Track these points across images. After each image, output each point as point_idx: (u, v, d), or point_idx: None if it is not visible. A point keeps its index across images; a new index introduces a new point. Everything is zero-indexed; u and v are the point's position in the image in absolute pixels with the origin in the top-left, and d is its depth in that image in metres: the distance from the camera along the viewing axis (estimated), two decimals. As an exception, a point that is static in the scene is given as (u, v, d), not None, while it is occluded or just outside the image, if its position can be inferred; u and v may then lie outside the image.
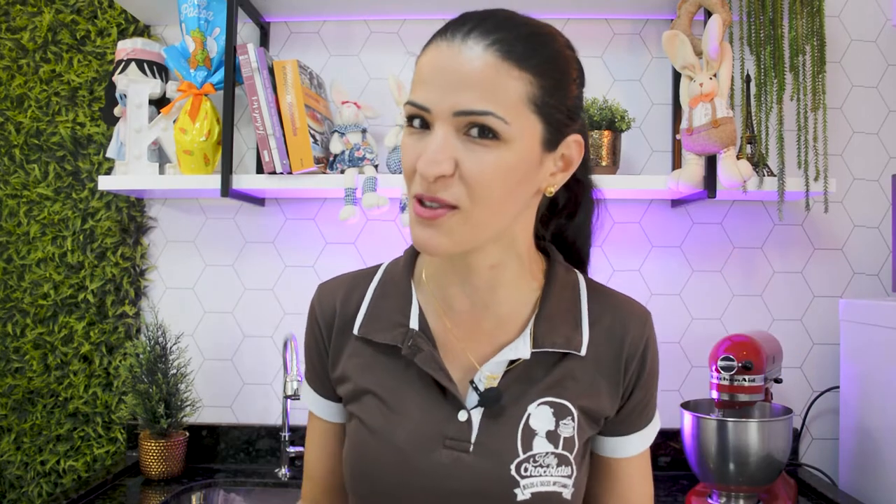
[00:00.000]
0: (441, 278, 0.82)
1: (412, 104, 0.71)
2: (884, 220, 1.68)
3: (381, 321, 0.81)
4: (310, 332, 0.88)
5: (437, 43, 0.72)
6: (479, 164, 0.69)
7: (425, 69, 0.71)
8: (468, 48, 0.69)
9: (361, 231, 1.71)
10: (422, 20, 1.70)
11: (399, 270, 0.85)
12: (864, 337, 1.47)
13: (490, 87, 0.68)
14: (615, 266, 1.68)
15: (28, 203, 1.73)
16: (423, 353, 0.77)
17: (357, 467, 0.79)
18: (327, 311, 0.85)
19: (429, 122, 0.71)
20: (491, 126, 0.68)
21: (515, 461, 0.75)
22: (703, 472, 1.38)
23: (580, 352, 0.79)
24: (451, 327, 0.81)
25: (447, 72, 0.69)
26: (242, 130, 1.73)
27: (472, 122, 0.68)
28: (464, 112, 0.68)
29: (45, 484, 1.71)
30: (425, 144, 0.70)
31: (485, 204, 0.70)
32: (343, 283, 0.87)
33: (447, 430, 0.76)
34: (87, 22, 1.74)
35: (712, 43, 1.37)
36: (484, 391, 0.76)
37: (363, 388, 0.80)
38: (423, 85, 0.71)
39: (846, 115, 1.69)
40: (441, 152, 0.68)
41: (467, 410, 0.76)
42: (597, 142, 1.51)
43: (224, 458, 1.69)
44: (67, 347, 1.71)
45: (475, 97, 0.68)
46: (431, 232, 0.71)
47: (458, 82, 0.68)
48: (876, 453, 1.42)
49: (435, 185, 0.69)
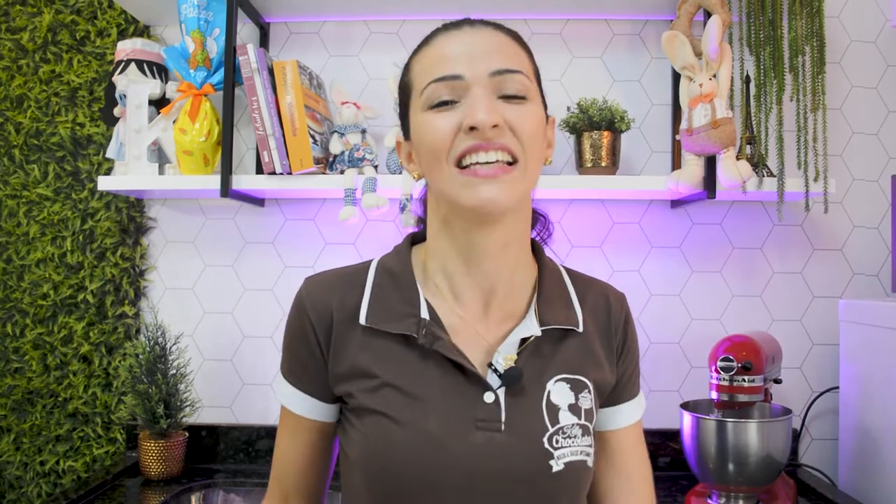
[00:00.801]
0: (448, 268, 0.83)
1: (441, 78, 0.75)
2: (883, 221, 1.68)
3: (389, 312, 0.81)
4: (296, 326, 0.85)
5: (443, 34, 0.79)
6: (522, 117, 0.75)
7: (444, 50, 0.77)
8: (480, 30, 0.78)
9: (361, 231, 1.71)
10: (421, 20, 1.70)
11: (397, 264, 0.85)
12: (864, 337, 1.47)
13: (512, 53, 0.77)
14: (615, 266, 1.68)
15: (28, 203, 1.73)
16: (442, 340, 0.79)
17: (383, 461, 0.76)
18: (320, 306, 0.83)
19: (459, 95, 0.75)
20: (521, 84, 0.76)
21: (547, 434, 0.77)
22: (702, 473, 1.38)
23: (578, 328, 0.84)
24: (462, 316, 0.82)
25: (472, 45, 0.76)
26: (242, 131, 1.73)
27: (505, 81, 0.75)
28: (500, 70, 0.75)
29: (45, 484, 1.71)
30: (462, 110, 0.74)
31: (532, 155, 0.77)
32: (336, 277, 0.86)
33: (477, 412, 0.77)
34: (87, 22, 1.74)
35: (712, 43, 1.38)
36: (505, 371, 0.78)
37: (381, 382, 0.79)
38: (447, 61, 0.76)
39: (846, 116, 1.69)
40: (490, 104, 0.73)
41: (493, 391, 0.78)
42: (596, 142, 1.51)
43: (223, 459, 1.69)
44: (67, 348, 1.71)
45: (505, 59, 0.76)
46: (497, 188, 0.74)
47: (485, 51, 0.76)
48: (875, 453, 1.43)
49: (492, 132, 0.73)
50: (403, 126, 0.86)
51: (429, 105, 0.76)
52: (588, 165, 1.53)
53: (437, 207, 0.83)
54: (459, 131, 0.75)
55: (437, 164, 0.76)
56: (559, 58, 1.70)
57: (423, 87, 0.77)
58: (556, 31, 1.71)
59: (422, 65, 0.80)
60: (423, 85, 0.77)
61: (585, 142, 1.52)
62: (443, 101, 0.75)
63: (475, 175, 0.74)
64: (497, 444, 0.76)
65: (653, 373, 1.66)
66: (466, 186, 0.75)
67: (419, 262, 0.87)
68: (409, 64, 0.84)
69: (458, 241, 0.81)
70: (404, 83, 0.84)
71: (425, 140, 0.77)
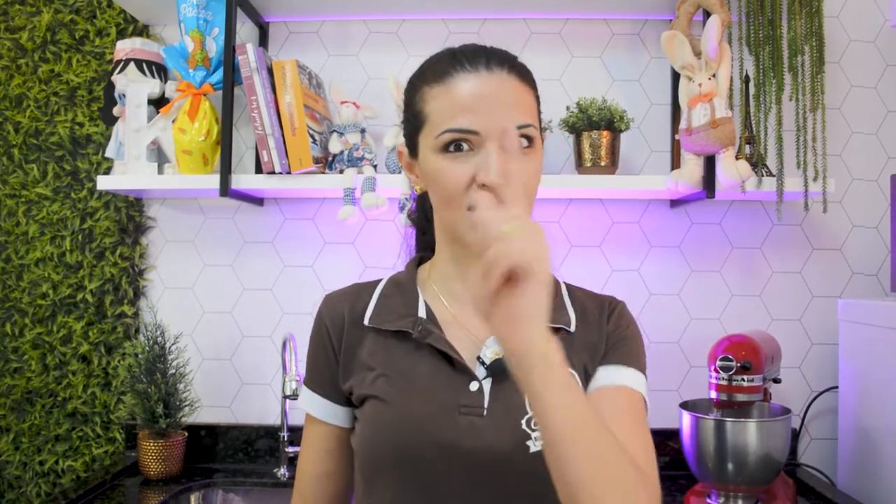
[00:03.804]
0: (448, 275, 0.91)
1: (461, 130, 0.79)
2: (882, 220, 1.68)
3: (390, 313, 0.89)
4: (317, 337, 0.93)
5: (461, 75, 0.81)
6: (528, 170, 0.81)
7: (462, 99, 0.80)
8: (496, 76, 0.81)
9: (360, 231, 1.71)
10: (420, 20, 1.70)
11: (403, 277, 0.94)
12: (863, 337, 1.47)
13: (522, 103, 0.82)
14: (614, 266, 1.68)
15: (27, 203, 1.73)
16: (434, 334, 0.85)
17: (374, 442, 0.83)
18: (335, 315, 0.92)
19: (474, 144, 0.79)
20: (531, 136, 0.81)
21: (526, 417, 0.80)
22: (701, 472, 1.38)
23: (570, 328, 0.88)
24: (458, 315, 0.89)
25: (491, 97, 0.80)
26: (241, 130, 1.73)
27: (521, 134, 0.79)
28: (516, 126, 0.79)
29: (44, 484, 1.71)
30: (478, 162, 0.78)
31: (532, 198, 0.83)
32: (350, 291, 0.95)
33: (461, 399, 0.82)
34: (86, 22, 1.74)
35: (711, 43, 1.37)
36: (491, 363, 0.83)
37: (378, 373, 0.86)
38: (467, 112, 0.79)
39: (845, 116, 1.69)
40: (503, 162, 0.77)
41: (478, 381, 0.83)
42: (596, 142, 1.51)
43: (223, 458, 1.69)
44: (66, 347, 1.71)
45: (519, 113, 0.80)
46: None
47: (502, 104, 0.80)
48: (875, 453, 1.43)
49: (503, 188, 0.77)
50: (410, 142, 0.89)
51: (442, 148, 0.81)
52: (587, 165, 1.53)
53: (442, 226, 0.90)
54: (472, 182, 0.79)
55: (447, 205, 0.82)
56: (559, 57, 1.70)
57: (438, 131, 0.81)
58: (556, 31, 1.71)
59: (438, 103, 0.82)
60: (439, 129, 0.81)
61: (585, 141, 1.52)
62: (460, 147, 0.80)
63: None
64: (477, 427, 0.80)
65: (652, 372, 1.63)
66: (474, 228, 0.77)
67: (423, 275, 0.95)
68: (422, 93, 0.84)
69: (455, 256, 0.89)
70: (417, 110, 0.85)
71: (440, 184, 0.82)
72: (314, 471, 0.93)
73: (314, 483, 0.93)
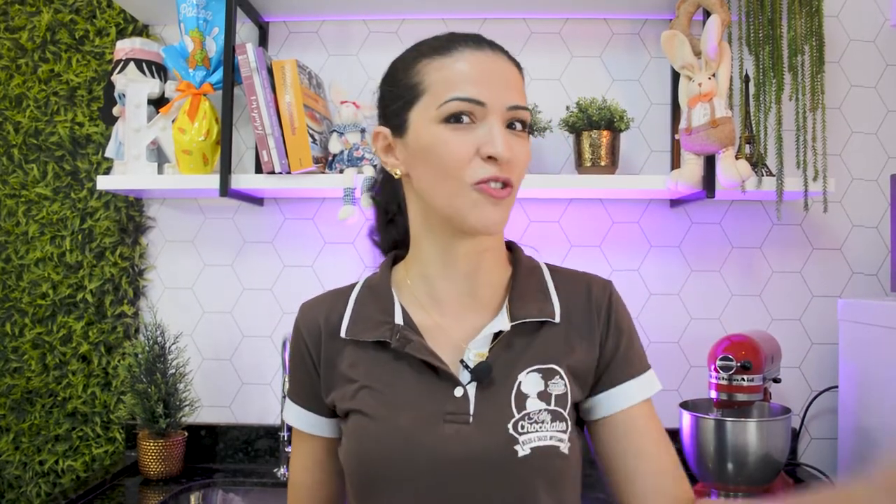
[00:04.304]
0: (428, 272, 0.88)
1: (466, 99, 0.79)
2: (882, 220, 1.68)
3: (366, 322, 0.87)
4: (295, 348, 0.92)
5: (466, 50, 0.81)
6: (523, 150, 0.82)
7: (469, 70, 0.80)
8: (499, 57, 0.82)
9: (360, 231, 1.71)
10: (420, 20, 1.70)
11: (377, 279, 0.92)
12: (863, 336, 1.47)
13: (520, 88, 0.84)
14: (614, 266, 1.68)
15: (27, 203, 1.73)
16: (413, 342, 0.83)
17: (360, 456, 0.82)
18: (311, 326, 0.90)
19: (476, 117, 0.79)
20: (526, 120, 0.82)
21: (512, 421, 0.79)
22: (701, 472, 1.38)
23: (554, 319, 0.86)
24: (438, 318, 0.87)
25: (495, 74, 0.81)
26: (241, 130, 1.72)
27: (518, 115, 0.81)
28: (516, 106, 0.81)
29: (44, 484, 1.71)
30: (481, 135, 0.79)
31: (520, 182, 0.84)
32: (324, 299, 0.93)
33: (446, 406, 0.81)
34: (86, 21, 1.74)
35: (711, 43, 1.37)
36: (474, 366, 0.81)
37: (360, 385, 0.84)
38: (472, 83, 0.79)
39: (845, 115, 1.69)
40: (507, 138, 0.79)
41: (463, 386, 0.81)
42: (596, 142, 1.51)
43: (223, 458, 1.69)
44: (66, 347, 1.71)
45: (519, 95, 0.82)
46: (500, 210, 0.81)
47: (505, 83, 0.81)
48: (874, 453, 1.42)
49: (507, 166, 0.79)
50: (395, 121, 0.85)
51: (445, 119, 0.79)
52: (587, 165, 1.53)
53: (421, 213, 0.87)
54: (475, 155, 0.79)
55: (446, 179, 0.80)
56: (558, 57, 1.70)
57: (442, 100, 0.79)
58: (556, 31, 1.71)
59: (442, 74, 0.80)
60: (443, 98, 0.79)
61: (584, 141, 1.52)
62: (460, 119, 0.79)
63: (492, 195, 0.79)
64: (464, 434, 0.79)
65: (652, 372, 1.66)
66: (476, 206, 0.79)
67: (398, 275, 0.92)
68: (419, 67, 0.83)
69: (439, 246, 0.86)
70: (411, 84, 0.83)
71: (441, 156, 0.79)
72: (305, 481, 0.93)
73: (306, 492, 0.93)
